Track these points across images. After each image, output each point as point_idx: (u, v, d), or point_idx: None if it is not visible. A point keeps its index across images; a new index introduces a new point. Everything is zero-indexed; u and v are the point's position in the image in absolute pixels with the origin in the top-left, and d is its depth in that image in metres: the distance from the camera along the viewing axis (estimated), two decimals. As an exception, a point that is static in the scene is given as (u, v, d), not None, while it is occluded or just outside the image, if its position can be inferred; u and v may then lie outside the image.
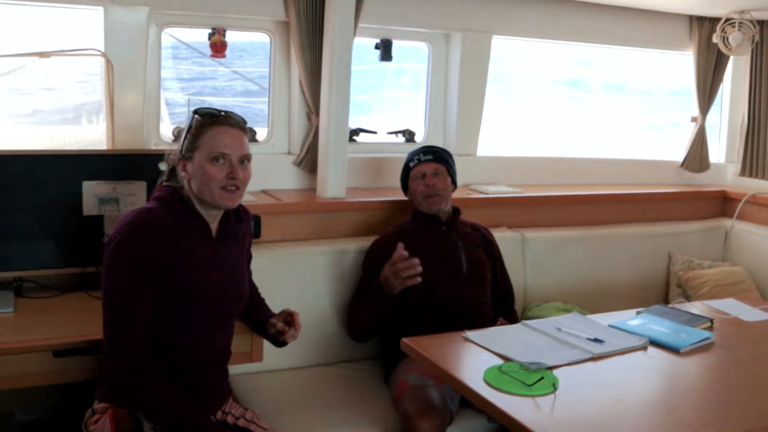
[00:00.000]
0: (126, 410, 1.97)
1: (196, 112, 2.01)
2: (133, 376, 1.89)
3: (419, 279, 2.63)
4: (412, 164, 3.00)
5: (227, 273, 2.08)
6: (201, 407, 2.07)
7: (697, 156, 4.23)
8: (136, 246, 1.90)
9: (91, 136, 3.05)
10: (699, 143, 4.21)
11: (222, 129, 1.99)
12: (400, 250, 2.65)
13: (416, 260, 2.61)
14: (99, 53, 2.88)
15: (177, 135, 2.07)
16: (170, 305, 1.95)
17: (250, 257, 2.30)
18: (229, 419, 2.18)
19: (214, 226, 2.06)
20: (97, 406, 2.03)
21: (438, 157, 2.99)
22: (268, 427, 2.23)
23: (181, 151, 2.01)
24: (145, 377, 1.91)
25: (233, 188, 1.99)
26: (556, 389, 1.95)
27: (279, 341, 2.27)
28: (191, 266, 1.97)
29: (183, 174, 2.01)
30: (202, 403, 2.09)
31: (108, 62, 2.88)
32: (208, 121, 1.99)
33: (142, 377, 1.90)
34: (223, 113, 2.02)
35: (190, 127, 2.00)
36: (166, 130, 3.21)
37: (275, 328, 2.23)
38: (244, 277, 2.21)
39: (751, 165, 4.13)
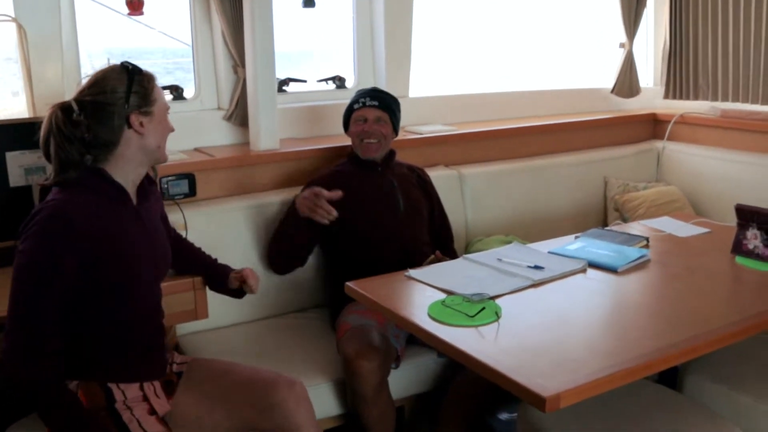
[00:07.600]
0: (97, 384, 1.94)
1: (133, 70, 1.96)
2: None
3: (325, 221, 2.64)
4: (356, 106, 2.95)
5: (154, 235, 2.08)
6: (160, 365, 2.11)
7: (627, 81, 4.28)
8: (53, 250, 1.81)
9: (10, 107, 2.94)
10: (628, 69, 4.26)
11: (157, 84, 2.04)
12: (337, 194, 2.64)
13: (334, 212, 2.62)
14: (9, 18, 2.76)
15: (93, 85, 1.95)
16: (111, 280, 1.91)
17: (165, 217, 2.28)
18: (176, 368, 2.21)
19: (132, 191, 2.03)
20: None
21: (384, 104, 2.94)
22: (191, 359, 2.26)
23: (128, 106, 1.92)
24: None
25: None
26: (499, 317, 1.99)
27: (239, 293, 2.42)
28: (122, 239, 1.94)
29: (140, 130, 1.94)
30: (162, 362, 2.12)
31: (20, 28, 2.77)
32: (151, 77, 2.01)
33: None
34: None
35: (132, 83, 1.94)
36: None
37: (238, 281, 2.38)
38: (165, 236, 2.20)
39: (674, 87, 4.20)
